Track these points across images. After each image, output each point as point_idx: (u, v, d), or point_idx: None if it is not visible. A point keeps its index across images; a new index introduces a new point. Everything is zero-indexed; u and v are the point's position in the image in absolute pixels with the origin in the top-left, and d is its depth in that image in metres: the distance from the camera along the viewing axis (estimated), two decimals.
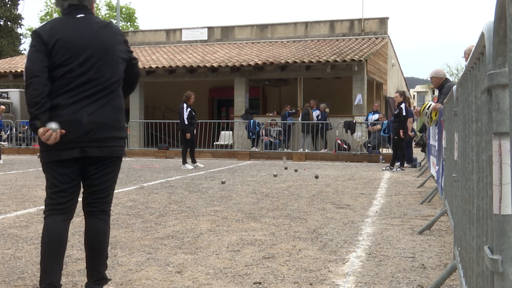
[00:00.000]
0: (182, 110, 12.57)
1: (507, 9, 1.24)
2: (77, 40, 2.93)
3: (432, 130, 8.62)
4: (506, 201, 1.33)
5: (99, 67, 2.93)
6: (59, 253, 2.92)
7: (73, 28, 2.96)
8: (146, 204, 6.67)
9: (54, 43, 2.89)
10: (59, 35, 2.91)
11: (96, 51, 2.94)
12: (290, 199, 7.22)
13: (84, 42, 2.93)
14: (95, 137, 2.90)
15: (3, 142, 21.12)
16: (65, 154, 2.87)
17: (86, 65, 2.91)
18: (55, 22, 2.98)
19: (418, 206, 6.69)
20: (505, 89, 1.38)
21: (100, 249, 3.06)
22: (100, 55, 2.95)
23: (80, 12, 3.01)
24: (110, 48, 2.98)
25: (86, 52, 2.92)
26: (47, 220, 2.93)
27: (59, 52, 2.89)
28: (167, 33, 25.38)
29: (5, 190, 7.95)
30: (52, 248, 2.90)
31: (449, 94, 4.13)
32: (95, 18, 3.06)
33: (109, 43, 2.99)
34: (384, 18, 22.13)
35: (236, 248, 4.27)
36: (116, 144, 2.99)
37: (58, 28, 2.94)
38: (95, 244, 3.05)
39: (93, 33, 2.97)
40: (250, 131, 18.20)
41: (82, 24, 2.98)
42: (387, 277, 3.49)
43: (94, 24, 3.00)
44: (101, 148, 2.93)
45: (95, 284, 3.04)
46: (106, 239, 3.08)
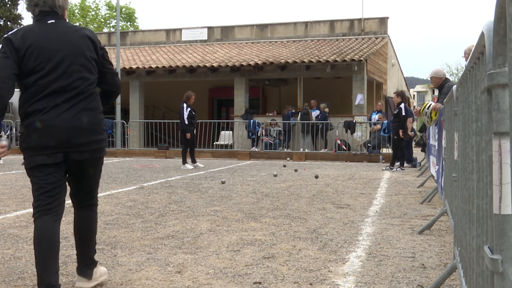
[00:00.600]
0: (182, 110, 12.56)
1: (507, 9, 1.24)
2: (48, 45, 2.96)
3: (432, 130, 8.62)
4: (506, 201, 1.33)
5: (72, 71, 2.98)
6: (54, 253, 2.96)
7: (44, 34, 2.99)
8: (146, 204, 6.67)
9: (26, 49, 2.92)
10: (30, 40, 2.93)
11: (67, 55, 2.98)
12: (290, 199, 7.22)
13: (55, 47, 2.97)
14: (78, 142, 2.98)
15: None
16: (49, 159, 2.94)
17: (58, 69, 2.95)
18: (26, 29, 3.01)
19: (418, 206, 6.69)
20: (505, 89, 1.38)
21: (90, 236, 3.25)
22: (72, 59, 2.99)
23: (50, 17, 3.05)
24: (81, 52, 3.02)
25: (57, 56, 2.96)
26: (38, 222, 2.97)
27: (31, 58, 2.92)
28: (167, 33, 25.39)
29: (5, 190, 7.95)
30: (46, 249, 2.94)
31: (449, 94, 4.14)
32: (67, 23, 3.11)
33: (80, 46, 3.03)
34: (384, 18, 22.13)
35: (236, 248, 4.27)
36: (97, 146, 3.09)
37: (29, 34, 2.97)
38: (86, 232, 3.24)
39: (64, 38, 3.01)
40: (250, 131, 18.20)
41: (53, 29, 3.02)
42: (387, 277, 3.49)
43: (65, 29, 3.05)
44: (83, 153, 3.02)
45: (87, 269, 3.22)
46: (95, 227, 3.28)
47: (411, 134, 13.79)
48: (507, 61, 1.32)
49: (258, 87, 23.51)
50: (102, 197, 7.29)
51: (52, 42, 2.98)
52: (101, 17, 47.75)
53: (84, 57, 3.03)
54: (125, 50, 24.53)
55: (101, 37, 27.15)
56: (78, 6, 46.58)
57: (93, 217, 3.26)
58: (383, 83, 22.31)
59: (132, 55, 23.06)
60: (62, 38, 3.01)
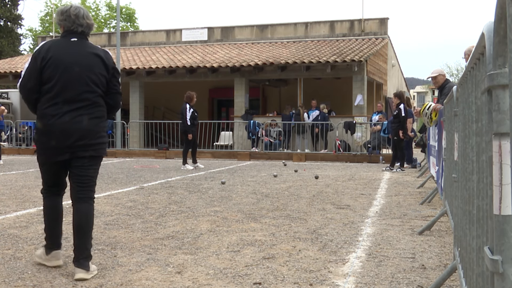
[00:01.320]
0: (185, 111, 12.51)
1: (507, 9, 1.24)
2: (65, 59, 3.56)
3: (432, 131, 8.62)
4: (506, 202, 1.33)
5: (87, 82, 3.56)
6: (60, 219, 3.73)
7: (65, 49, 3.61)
8: (146, 204, 6.67)
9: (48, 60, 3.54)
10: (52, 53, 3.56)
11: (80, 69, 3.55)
12: (290, 199, 7.22)
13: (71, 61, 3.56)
14: (83, 143, 3.53)
15: (3, 143, 21.12)
16: (59, 157, 3.55)
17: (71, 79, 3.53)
18: (53, 43, 3.66)
19: (418, 206, 6.69)
20: (505, 90, 1.38)
21: (87, 228, 3.57)
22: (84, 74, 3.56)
23: (75, 36, 3.66)
24: (92, 68, 3.59)
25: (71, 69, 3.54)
26: (46, 199, 3.75)
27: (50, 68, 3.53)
28: (167, 34, 25.39)
29: (5, 191, 7.95)
30: (53, 217, 3.69)
31: (449, 95, 4.14)
32: (87, 43, 3.70)
33: (92, 63, 3.60)
34: (384, 18, 22.14)
35: (236, 248, 4.27)
36: (99, 147, 3.64)
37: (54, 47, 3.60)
38: (84, 224, 3.55)
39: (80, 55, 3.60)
40: (250, 132, 18.21)
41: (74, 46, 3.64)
42: (387, 277, 3.49)
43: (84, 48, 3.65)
44: (87, 151, 3.57)
45: (85, 261, 3.47)
46: (92, 219, 3.63)
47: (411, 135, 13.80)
48: (507, 62, 1.32)
49: (258, 88, 23.52)
50: (102, 197, 7.29)
51: (69, 57, 3.56)
52: (101, 18, 47.75)
53: (94, 73, 3.58)
54: (125, 50, 24.53)
55: (101, 37, 27.17)
56: None
57: (90, 210, 3.61)
58: (383, 84, 22.31)
59: (132, 56, 23.06)
60: (78, 56, 3.59)
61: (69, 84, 3.51)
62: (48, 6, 45.82)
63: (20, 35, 40.61)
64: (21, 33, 41.33)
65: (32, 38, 45.97)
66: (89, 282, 3.34)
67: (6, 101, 24.53)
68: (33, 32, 45.98)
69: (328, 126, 17.50)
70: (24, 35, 43.79)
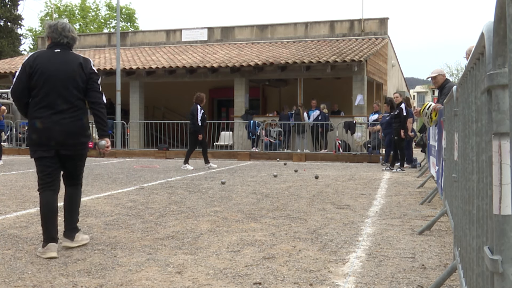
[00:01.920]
0: (196, 111, 12.49)
1: (507, 9, 1.24)
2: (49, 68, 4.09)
3: (432, 131, 8.62)
4: (506, 202, 1.33)
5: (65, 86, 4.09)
6: (53, 215, 4.14)
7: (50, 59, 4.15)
8: (146, 204, 6.67)
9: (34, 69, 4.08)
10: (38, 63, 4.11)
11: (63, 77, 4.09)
12: (290, 199, 7.22)
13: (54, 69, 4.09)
14: (66, 143, 4.12)
15: (3, 143, 21.11)
16: (45, 153, 4.12)
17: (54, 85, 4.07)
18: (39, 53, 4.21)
19: (418, 206, 6.69)
20: (505, 90, 1.38)
21: (75, 207, 4.36)
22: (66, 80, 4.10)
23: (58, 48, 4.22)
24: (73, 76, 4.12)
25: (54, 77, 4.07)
26: (42, 195, 4.19)
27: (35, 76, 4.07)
28: (167, 34, 25.39)
29: (5, 191, 7.95)
30: (48, 212, 4.12)
31: (449, 95, 4.14)
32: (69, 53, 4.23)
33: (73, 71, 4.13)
34: (384, 18, 22.13)
35: (236, 248, 4.27)
36: (82, 147, 4.24)
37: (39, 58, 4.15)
38: (71, 203, 4.33)
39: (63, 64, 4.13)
40: (250, 132, 18.20)
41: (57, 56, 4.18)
42: (387, 277, 3.49)
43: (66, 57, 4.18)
44: (70, 150, 4.17)
45: (71, 232, 4.26)
46: (78, 200, 4.42)
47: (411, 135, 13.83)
48: (507, 62, 1.33)
49: (258, 88, 23.51)
50: (102, 197, 7.29)
51: (52, 66, 4.10)
52: (101, 18, 47.77)
53: (74, 79, 4.12)
54: (125, 50, 24.53)
55: (101, 37, 27.17)
56: (78, 7, 46.61)
57: (77, 193, 4.39)
58: (383, 84, 22.31)
59: (132, 56, 23.06)
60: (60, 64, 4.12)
61: (52, 90, 4.06)
62: (48, 6, 45.86)
63: (20, 35, 40.62)
64: (21, 33, 41.36)
65: (32, 38, 46.00)
66: (89, 282, 3.34)
67: (6, 101, 24.53)
68: (33, 32, 46.00)
69: (328, 126, 17.50)
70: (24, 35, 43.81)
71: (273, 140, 17.84)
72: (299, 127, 17.81)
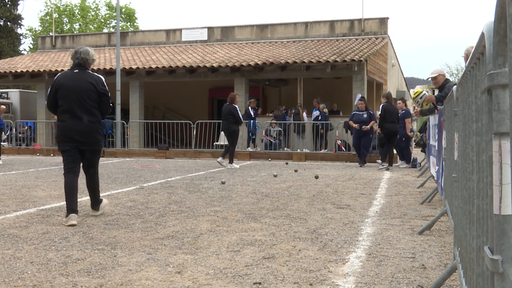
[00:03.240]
0: (236, 111, 12.71)
1: (507, 9, 1.24)
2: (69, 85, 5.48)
3: (432, 131, 8.63)
4: (506, 201, 1.33)
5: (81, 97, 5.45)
6: (74, 192, 5.40)
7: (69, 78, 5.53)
8: (146, 204, 6.67)
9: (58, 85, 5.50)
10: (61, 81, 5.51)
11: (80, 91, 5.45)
12: (290, 199, 7.22)
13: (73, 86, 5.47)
14: (82, 140, 5.49)
15: (3, 143, 21.11)
16: (67, 147, 5.49)
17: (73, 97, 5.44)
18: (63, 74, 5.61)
19: (418, 206, 6.69)
20: (505, 89, 1.38)
21: (95, 188, 5.77)
22: (82, 93, 5.45)
23: (77, 68, 5.57)
24: (88, 90, 5.48)
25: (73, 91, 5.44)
26: (66, 176, 5.47)
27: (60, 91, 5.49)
28: (167, 33, 25.38)
29: (5, 191, 7.95)
30: (70, 189, 5.36)
31: (449, 94, 4.13)
32: (85, 73, 5.57)
33: (88, 86, 5.49)
34: (384, 18, 22.12)
35: (236, 248, 4.27)
36: (95, 144, 5.61)
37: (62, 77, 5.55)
38: (92, 186, 5.75)
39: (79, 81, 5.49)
40: (250, 132, 18.20)
41: (75, 76, 5.54)
42: (387, 277, 3.49)
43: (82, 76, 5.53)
44: (85, 146, 5.53)
45: (95, 205, 5.79)
46: (97, 183, 5.81)
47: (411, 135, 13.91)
48: (507, 62, 1.32)
49: (258, 88, 23.51)
50: (102, 197, 7.28)
51: (73, 83, 5.48)
52: (101, 17, 47.75)
53: (88, 93, 5.48)
54: (125, 50, 24.53)
55: (101, 37, 27.16)
56: (78, 7, 46.59)
57: (94, 178, 5.74)
58: (383, 84, 22.30)
59: (132, 55, 23.06)
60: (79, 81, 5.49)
61: (70, 101, 5.44)
62: (48, 6, 45.82)
63: (20, 35, 40.58)
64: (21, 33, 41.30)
65: (32, 38, 45.97)
66: (89, 282, 3.34)
67: (6, 101, 24.52)
68: (33, 32, 45.98)
69: (328, 126, 17.49)
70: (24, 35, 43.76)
71: (273, 140, 17.84)
72: (299, 127, 17.80)
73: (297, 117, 17.91)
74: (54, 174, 10.90)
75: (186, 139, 19.53)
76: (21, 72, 21.69)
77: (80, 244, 4.37)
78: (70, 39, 27.38)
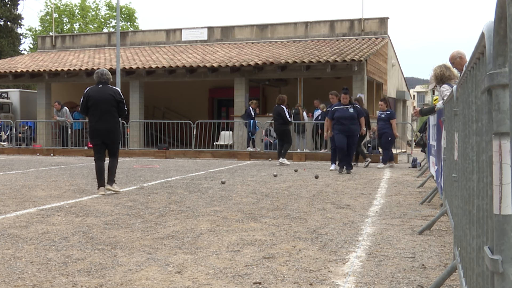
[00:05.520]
0: (283, 111, 13.44)
1: (507, 9, 1.24)
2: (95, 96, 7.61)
3: (432, 130, 8.63)
4: (506, 201, 1.33)
5: (105, 105, 7.56)
6: (102, 173, 7.56)
7: (96, 91, 7.65)
8: (146, 204, 6.67)
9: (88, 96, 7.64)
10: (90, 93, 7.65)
11: (103, 101, 7.56)
12: (290, 199, 7.22)
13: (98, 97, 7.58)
14: (106, 137, 7.64)
15: (3, 143, 21.10)
16: (96, 142, 7.67)
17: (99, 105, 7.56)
18: (92, 88, 7.72)
19: (418, 206, 6.69)
20: (505, 89, 1.38)
21: (113, 169, 7.69)
22: (105, 102, 7.57)
23: (101, 84, 7.71)
24: (110, 100, 7.59)
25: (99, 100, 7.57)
26: (96, 163, 7.62)
27: (89, 101, 7.62)
28: (167, 33, 25.38)
29: (5, 190, 7.95)
30: (99, 171, 7.55)
31: (449, 94, 4.13)
32: (107, 87, 7.70)
33: (110, 97, 7.60)
34: (384, 18, 22.13)
35: (236, 248, 4.27)
36: (115, 139, 7.75)
37: (91, 90, 7.67)
38: (112, 167, 7.67)
39: (103, 93, 7.60)
40: (250, 132, 18.19)
41: (100, 89, 7.66)
42: (387, 277, 3.49)
43: (105, 89, 7.65)
44: (108, 140, 7.67)
45: (111, 182, 7.62)
46: (115, 165, 7.74)
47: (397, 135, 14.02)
48: (507, 62, 1.32)
49: (258, 87, 23.51)
50: (102, 197, 7.29)
51: (99, 95, 7.59)
52: (101, 17, 47.75)
53: (109, 102, 7.59)
54: (125, 50, 24.53)
55: (101, 37, 27.16)
56: (78, 6, 46.58)
57: (114, 161, 7.72)
58: (383, 83, 22.31)
59: (132, 55, 23.05)
60: (103, 94, 7.59)
61: (97, 108, 7.58)
62: (48, 6, 45.81)
63: (20, 35, 40.59)
64: (21, 33, 41.32)
65: (32, 38, 45.96)
66: (89, 282, 3.34)
67: (6, 100, 24.53)
68: (33, 32, 45.98)
69: None
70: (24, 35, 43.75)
71: (272, 141, 17.83)
72: (299, 127, 17.79)
73: (297, 117, 17.90)
74: (54, 174, 10.91)
75: (186, 139, 19.52)
76: (21, 72, 21.69)
77: (80, 244, 4.37)
78: (70, 39, 27.38)
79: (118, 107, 7.61)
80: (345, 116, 11.46)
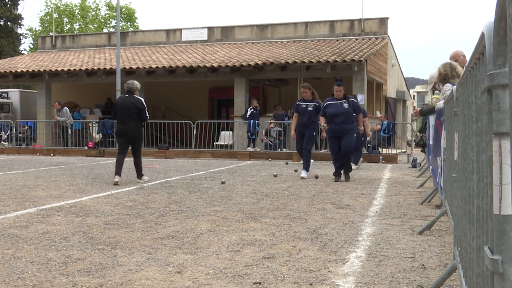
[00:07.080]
0: None
1: (507, 9, 1.24)
2: (122, 104, 9.26)
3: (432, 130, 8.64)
4: (506, 201, 1.33)
5: (128, 111, 9.17)
6: (120, 164, 9.10)
7: (123, 100, 9.35)
8: (146, 204, 6.67)
9: (116, 105, 9.39)
10: (118, 102, 9.45)
11: (128, 107, 9.16)
12: (290, 199, 7.22)
13: (124, 104, 9.21)
14: (129, 136, 9.31)
15: (4, 142, 21.10)
16: (120, 140, 9.41)
17: (124, 111, 9.17)
18: (120, 97, 9.60)
19: (418, 206, 6.69)
20: (505, 89, 1.38)
21: (138, 165, 9.39)
22: (129, 109, 9.16)
23: (127, 94, 9.37)
24: (132, 107, 9.16)
25: (124, 108, 9.18)
26: (118, 155, 9.23)
27: (116, 108, 9.30)
28: (167, 33, 25.38)
29: (5, 190, 7.95)
30: (118, 163, 9.08)
31: (449, 94, 4.13)
32: (132, 96, 9.30)
33: (133, 105, 9.17)
34: (384, 18, 22.12)
35: (236, 248, 4.27)
36: (137, 139, 9.44)
37: (119, 100, 9.51)
38: (137, 164, 9.37)
39: (128, 102, 9.22)
40: (250, 131, 18.20)
41: (126, 98, 9.31)
42: (387, 277, 3.49)
43: (130, 99, 9.26)
44: (131, 139, 9.35)
45: (139, 176, 9.42)
46: (140, 163, 9.44)
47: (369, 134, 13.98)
48: (507, 62, 1.32)
49: (258, 87, 23.50)
50: (102, 197, 7.29)
51: (124, 102, 9.24)
52: (101, 17, 47.75)
53: (132, 109, 9.15)
54: (125, 50, 24.53)
55: (101, 37, 27.16)
56: (78, 6, 46.59)
57: (137, 159, 9.33)
58: (383, 84, 22.31)
59: (132, 55, 23.05)
60: (127, 102, 9.22)
61: (122, 114, 9.13)
62: (48, 6, 45.81)
63: (20, 35, 40.59)
64: (21, 33, 41.32)
65: (32, 38, 45.97)
66: (89, 282, 3.34)
67: (6, 100, 24.53)
68: (33, 32, 45.98)
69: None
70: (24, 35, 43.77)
71: (273, 140, 17.83)
72: None
73: None
74: (54, 174, 10.91)
75: (186, 139, 19.52)
76: (21, 72, 21.69)
77: (80, 244, 4.37)
78: (70, 39, 27.38)
79: (139, 114, 9.16)
80: (339, 112, 9.51)
